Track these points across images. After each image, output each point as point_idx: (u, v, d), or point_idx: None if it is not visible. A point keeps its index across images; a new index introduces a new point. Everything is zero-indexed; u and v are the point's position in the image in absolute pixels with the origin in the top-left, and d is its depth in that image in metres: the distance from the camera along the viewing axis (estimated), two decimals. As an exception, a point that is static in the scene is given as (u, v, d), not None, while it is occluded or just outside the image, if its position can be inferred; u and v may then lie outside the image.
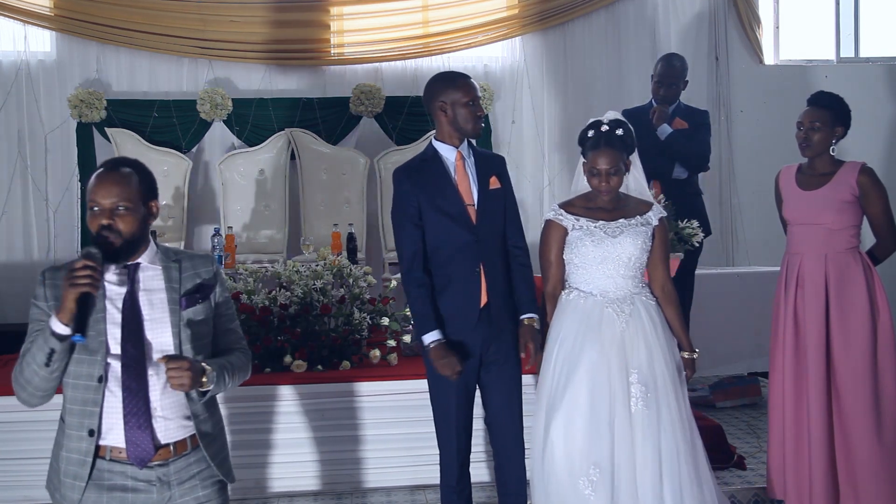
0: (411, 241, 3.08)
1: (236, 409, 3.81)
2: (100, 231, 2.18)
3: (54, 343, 2.09)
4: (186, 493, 2.25)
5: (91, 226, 2.20)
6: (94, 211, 2.20)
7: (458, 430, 3.11)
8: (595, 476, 2.87)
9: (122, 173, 2.22)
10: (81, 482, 2.17)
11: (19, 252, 6.45)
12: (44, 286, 2.19)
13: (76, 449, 2.18)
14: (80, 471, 2.18)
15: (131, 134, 6.22)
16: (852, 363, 3.39)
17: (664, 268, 3.15)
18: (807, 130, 3.49)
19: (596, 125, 3.10)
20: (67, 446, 2.20)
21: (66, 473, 2.19)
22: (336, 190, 6.41)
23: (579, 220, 3.09)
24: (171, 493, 2.22)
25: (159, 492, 2.21)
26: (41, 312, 2.18)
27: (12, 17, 6.34)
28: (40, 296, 2.19)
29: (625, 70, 6.88)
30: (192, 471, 2.26)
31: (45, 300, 2.18)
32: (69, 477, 2.19)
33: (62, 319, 2.07)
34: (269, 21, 6.53)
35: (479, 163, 3.16)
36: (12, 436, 3.87)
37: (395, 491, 4.02)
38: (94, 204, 2.20)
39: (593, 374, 2.94)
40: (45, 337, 2.09)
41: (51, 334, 2.08)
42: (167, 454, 2.22)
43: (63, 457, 2.20)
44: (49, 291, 2.18)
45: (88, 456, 2.17)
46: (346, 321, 4.23)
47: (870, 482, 3.38)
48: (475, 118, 3.08)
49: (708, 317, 4.99)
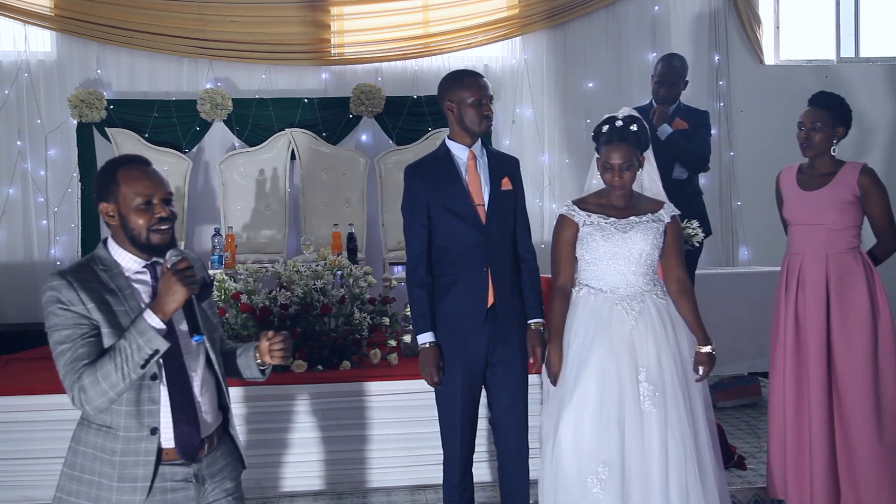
0: (417, 241, 3.10)
1: (236, 410, 3.80)
2: (159, 224, 2.15)
3: (160, 343, 2.04)
4: (217, 486, 2.25)
5: (143, 220, 2.14)
6: (150, 205, 2.15)
7: (462, 430, 3.11)
8: (604, 474, 2.87)
9: (155, 168, 2.22)
10: (146, 483, 2.10)
11: (19, 252, 6.45)
12: (75, 290, 2.07)
13: (134, 451, 2.11)
14: (142, 472, 2.11)
15: (131, 134, 6.23)
16: (853, 363, 3.39)
17: (678, 263, 3.14)
18: (808, 130, 3.49)
19: (610, 121, 3.10)
20: (123, 450, 2.11)
21: (122, 478, 2.10)
22: (336, 190, 6.41)
23: (591, 216, 3.11)
24: (205, 488, 2.22)
25: (196, 489, 2.19)
26: (78, 316, 2.07)
27: (12, 17, 6.35)
28: (75, 300, 2.07)
29: (625, 70, 6.88)
30: (220, 464, 2.27)
31: (83, 303, 2.07)
32: (127, 481, 2.10)
33: (164, 319, 2.05)
34: (270, 21, 6.53)
35: (493, 163, 3.16)
36: (12, 436, 3.87)
37: (395, 491, 4.02)
38: (148, 197, 2.14)
39: (603, 372, 2.94)
40: (144, 339, 2.03)
41: (155, 335, 2.03)
42: (203, 450, 2.22)
43: (117, 462, 2.11)
44: (85, 294, 2.08)
45: (151, 455, 2.11)
46: (346, 321, 4.24)
47: (870, 482, 3.38)
48: (481, 118, 3.07)
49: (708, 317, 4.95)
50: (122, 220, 2.16)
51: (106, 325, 2.08)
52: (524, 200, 3.23)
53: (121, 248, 2.19)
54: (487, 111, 3.08)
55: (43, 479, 3.84)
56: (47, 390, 3.89)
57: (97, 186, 2.20)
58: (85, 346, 2.06)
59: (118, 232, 2.19)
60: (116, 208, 2.16)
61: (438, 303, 3.10)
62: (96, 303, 2.08)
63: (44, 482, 3.84)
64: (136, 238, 2.16)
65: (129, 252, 2.19)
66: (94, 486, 2.12)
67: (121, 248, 2.19)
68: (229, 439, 2.32)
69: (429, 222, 3.08)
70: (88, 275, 2.12)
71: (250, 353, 2.36)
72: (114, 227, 2.19)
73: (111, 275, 2.15)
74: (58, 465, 2.22)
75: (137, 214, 2.15)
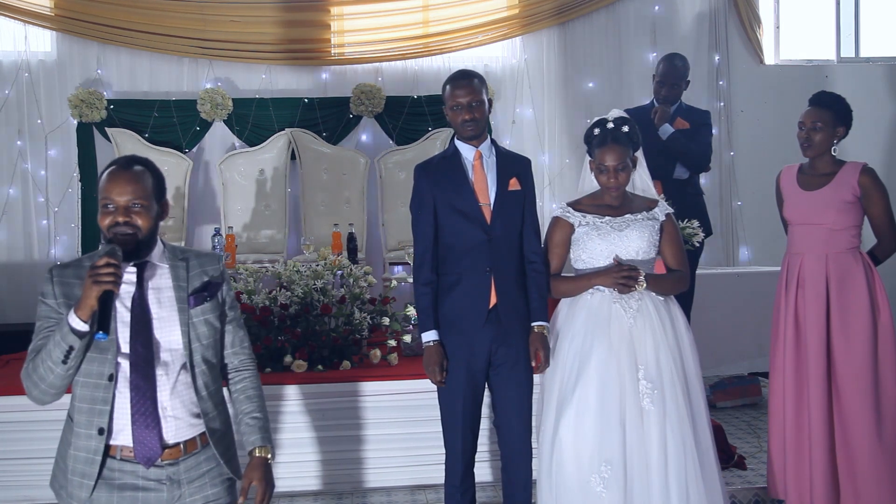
0: (423, 239, 3.11)
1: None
2: (115, 228, 2.15)
3: (73, 340, 2.06)
4: (196, 491, 2.24)
5: (103, 223, 2.17)
6: (108, 209, 2.17)
7: (465, 430, 3.11)
8: (607, 473, 2.87)
9: (136, 171, 2.20)
10: (90, 480, 2.15)
11: (19, 252, 6.45)
12: (52, 283, 2.16)
13: (85, 447, 2.16)
14: (88, 469, 2.16)
15: (132, 134, 6.23)
16: (853, 363, 3.39)
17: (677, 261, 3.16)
18: (808, 130, 3.48)
19: (601, 123, 3.11)
20: (76, 444, 2.18)
21: (73, 472, 2.17)
22: (336, 190, 6.41)
23: (586, 216, 3.12)
24: (182, 492, 2.22)
25: (169, 490, 2.20)
26: (50, 310, 2.15)
27: (13, 17, 6.35)
28: (49, 293, 2.15)
29: (625, 70, 6.88)
30: (201, 469, 2.26)
31: (55, 297, 2.15)
32: (77, 475, 2.17)
33: (82, 316, 2.04)
34: (270, 21, 6.54)
35: (501, 163, 3.16)
36: (12, 436, 3.87)
37: (395, 491, 4.02)
38: (109, 201, 2.16)
39: (603, 371, 2.94)
40: (62, 334, 2.06)
41: (70, 331, 2.05)
42: (177, 453, 2.21)
43: (70, 455, 2.18)
44: (58, 289, 2.15)
45: (97, 454, 2.15)
46: (346, 321, 4.24)
47: (870, 482, 3.37)
48: (461, 121, 3.08)
49: (708, 317, 4.99)
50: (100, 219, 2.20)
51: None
52: (534, 201, 3.22)
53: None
54: (467, 115, 3.07)
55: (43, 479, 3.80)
56: (47, 390, 3.90)
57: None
58: (43, 339, 2.12)
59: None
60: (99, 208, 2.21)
61: (442, 302, 3.10)
62: (65, 298, 2.14)
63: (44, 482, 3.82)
64: (105, 236, 2.19)
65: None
66: (60, 473, 2.22)
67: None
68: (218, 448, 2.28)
69: (435, 221, 3.09)
70: (74, 270, 2.15)
71: (249, 440, 2.33)
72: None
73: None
74: (58, 465, 2.24)
75: (103, 218, 2.18)
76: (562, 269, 3.21)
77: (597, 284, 3.06)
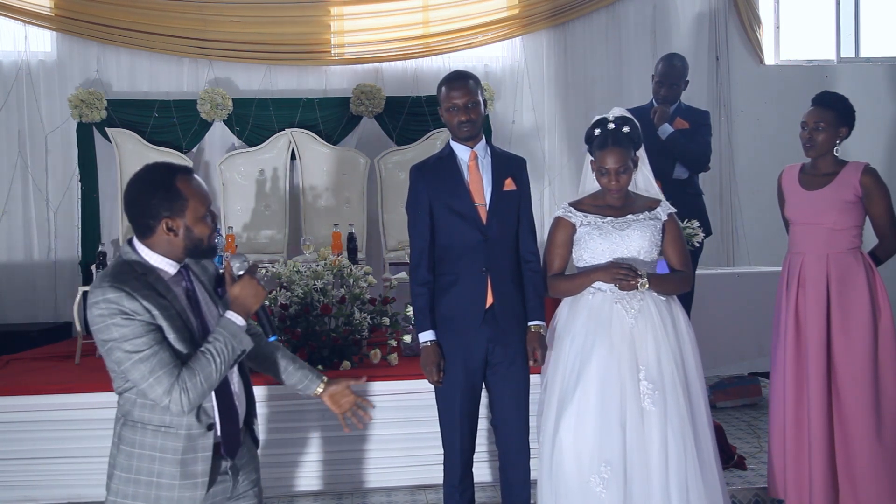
0: (419, 239, 3.11)
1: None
2: (213, 234, 2.24)
3: (249, 343, 2.19)
4: (246, 476, 2.31)
5: (205, 232, 2.21)
6: (212, 217, 2.24)
7: (462, 430, 3.12)
8: (607, 473, 2.87)
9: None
10: (205, 477, 2.17)
11: (19, 252, 6.45)
12: (136, 299, 2.08)
13: (193, 448, 2.15)
14: (201, 468, 2.16)
15: (132, 134, 6.22)
16: (853, 363, 3.39)
17: (679, 261, 3.16)
18: (811, 130, 3.48)
19: (602, 123, 3.10)
20: (185, 447, 2.15)
21: (184, 475, 2.14)
22: (336, 190, 6.41)
23: (587, 216, 3.12)
24: (238, 479, 2.27)
25: (231, 480, 2.26)
26: (146, 325, 2.09)
27: (13, 17, 6.35)
28: (139, 309, 2.08)
29: (625, 70, 6.89)
30: (247, 455, 2.33)
31: (147, 311, 2.09)
32: (188, 478, 2.15)
33: (246, 320, 2.18)
34: (270, 21, 6.53)
35: (496, 163, 3.16)
36: (12, 436, 3.87)
37: (395, 491, 4.02)
38: (210, 212, 2.23)
39: (603, 371, 2.94)
40: (237, 340, 2.15)
41: (245, 335, 2.17)
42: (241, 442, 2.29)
43: (178, 460, 2.14)
44: (146, 302, 2.09)
45: (208, 451, 2.17)
46: (346, 321, 4.24)
47: (870, 482, 3.37)
48: (457, 123, 3.09)
49: (708, 317, 4.98)
50: (186, 231, 2.18)
51: (170, 331, 2.12)
52: (530, 201, 3.22)
53: (155, 252, 2.19)
54: (464, 116, 3.08)
55: (43, 479, 3.85)
56: (47, 390, 3.90)
57: (156, 205, 2.16)
58: (166, 350, 2.09)
59: (165, 241, 2.18)
60: (182, 221, 2.17)
61: (438, 302, 3.11)
62: (158, 309, 2.11)
63: (44, 482, 3.85)
64: (199, 246, 2.21)
65: (163, 256, 2.20)
66: (153, 486, 2.15)
67: (155, 252, 2.19)
68: (251, 432, 2.38)
69: (431, 221, 3.10)
70: (137, 282, 2.12)
71: (311, 380, 2.50)
72: (166, 239, 2.18)
73: (153, 280, 2.16)
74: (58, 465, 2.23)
75: (205, 229, 2.21)
76: (564, 270, 3.20)
77: (596, 280, 3.05)
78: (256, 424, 2.40)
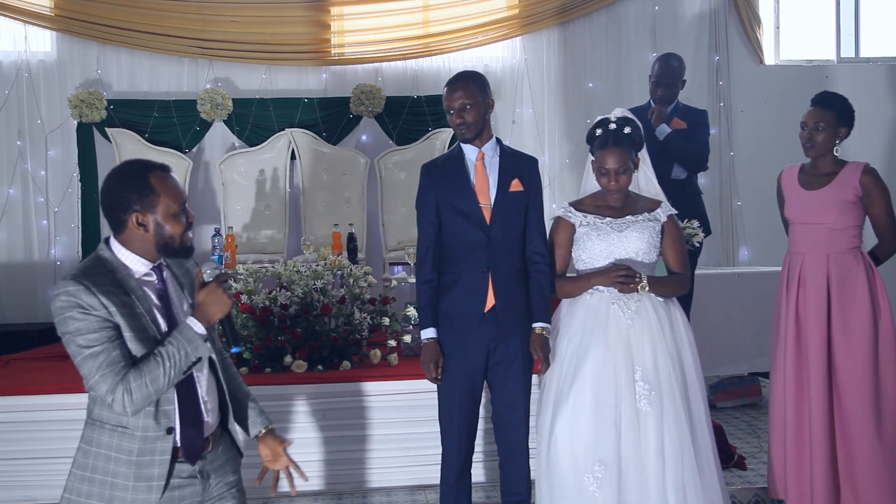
0: (425, 237, 3.14)
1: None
2: (188, 227, 2.21)
3: (205, 351, 2.14)
4: (220, 479, 2.28)
5: (177, 230, 2.17)
6: (186, 216, 2.19)
7: (461, 428, 3.12)
8: (600, 473, 2.88)
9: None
10: (161, 481, 2.13)
11: (19, 252, 6.46)
12: (94, 294, 2.06)
13: (150, 450, 2.13)
14: (157, 471, 2.13)
15: (132, 134, 6.23)
16: (853, 363, 3.39)
17: (677, 263, 3.16)
18: (811, 130, 3.48)
19: (603, 123, 3.11)
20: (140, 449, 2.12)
21: (138, 477, 2.11)
22: (336, 190, 6.42)
23: (587, 216, 3.13)
24: (209, 483, 2.25)
25: (201, 484, 2.23)
26: (101, 320, 2.06)
27: (13, 17, 6.35)
28: (95, 304, 2.06)
29: (625, 70, 6.89)
30: (221, 459, 2.30)
31: (104, 307, 2.07)
32: (143, 480, 2.12)
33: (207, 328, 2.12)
34: (270, 21, 6.54)
35: (504, 163, 3.17)
36: (12, 436, 3.87)
37: (395, 491, 4.02)
38: (183, 208, 2.19)
39: (599, 371, 2.94)
40: (192, 346, 2.10)
41: (201, 343, 2.11)
42: (207, 446, 2.25)
43: (133, 461, 2.12)
44: (104, 298, 2.07)
45: (166, 454, 2.13)
46: (346, 321, 4.24)
47: (870, 482, 3.37)
48: (454, 125, 3.13)
49: (708, 317, 4.99)
50: (156, 227, 2.16)
51: (128, 329, 2.09)
52: (540, 202, 3.21)
53: (128, 250, 2.17)
54: (457, 119, 3.10)
55: (43, 479, 3.84)
56: (47, 390, 3.89)
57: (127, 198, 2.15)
58: (117, 348, 2.07)
59: (138, 238, 2.16)
60: (153, 217, 2.15)
61: (441, 300, 3.12)
62: (117, 306, 2.08)
63: (44, 482, 3.84)
64: (170, 244, 2.17)
65: (136, 254, 2.17)
66: (107, 486, 2.13)
67: (128, 250, 2.17)
68: (228, 435, 2.35)
69: (438, 220, 3.12)
70: (102, 278, 2.11)
71: (256, 422, 2.44)
72: (138, 234, 2.15)
73: (121, 277, 2.14)
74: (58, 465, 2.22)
75: (177, 226, 2.17)
76: (566, 269, 3.21)
77: (596, 284, 3.06)
78: (233, 426, 2.36)
